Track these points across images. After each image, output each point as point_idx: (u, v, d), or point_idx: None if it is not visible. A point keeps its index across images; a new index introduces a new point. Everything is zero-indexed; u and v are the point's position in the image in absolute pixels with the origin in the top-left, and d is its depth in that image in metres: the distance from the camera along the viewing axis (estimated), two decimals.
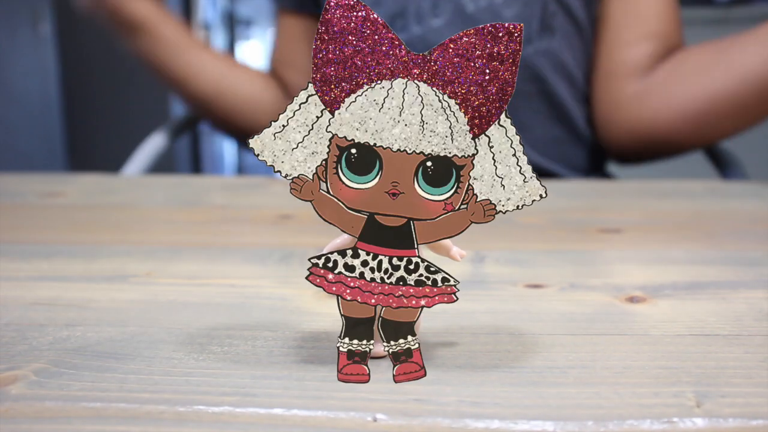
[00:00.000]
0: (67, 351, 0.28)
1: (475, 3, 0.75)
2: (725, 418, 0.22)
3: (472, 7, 0.75)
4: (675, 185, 0.67)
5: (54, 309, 0.33)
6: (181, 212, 0.58)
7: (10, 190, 0.66)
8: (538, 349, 0.28)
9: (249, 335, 0.30)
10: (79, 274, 0.40)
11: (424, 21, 0.76)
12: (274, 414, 0.23)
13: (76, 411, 0.23)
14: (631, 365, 0.26)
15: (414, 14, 0.76)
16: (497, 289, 0.37)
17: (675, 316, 0.32)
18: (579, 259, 0.43)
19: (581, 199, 0.63)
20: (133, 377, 0.26)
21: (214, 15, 3.46)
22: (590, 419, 0.22)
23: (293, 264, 0.41)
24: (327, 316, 0.32)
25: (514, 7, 0.75)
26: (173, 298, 0.35)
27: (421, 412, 0.23)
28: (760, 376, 0.25)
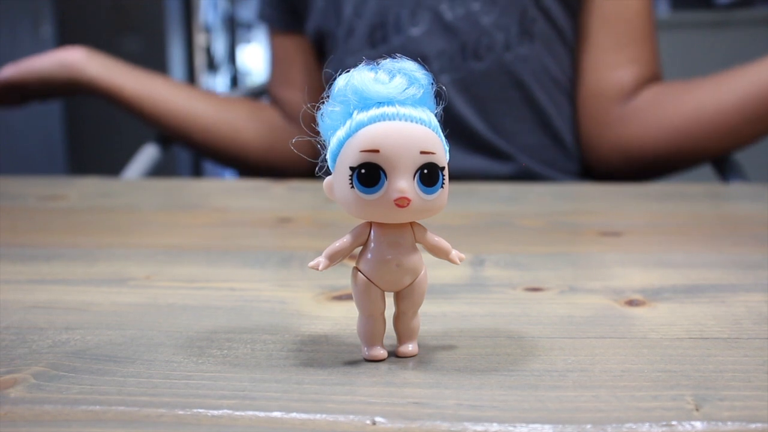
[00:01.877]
0: (67, 354, 0.28)
1: (453, 11, 0.75)
2: (724, 422, 0.22)
3: (450, 15, 0.75)
4: (675, 188, 0.68)
5: (53, 312, 0.33)
6: (180, 215, 0.58)
7: (10, 193, 0.66)
8: (537, 352, 0.28)
9: (248, 338, 0.30)
10: (79, 278, 0.40)
11: (403, 30, 0.76)
12: (272, 417, 0.23)
13: (75, 414, 0.23)
14: (630, 368, 0.26)
15: (393, 24, 0.76)
16: (496, 292, 0.37)
17: (674, 319, 0.32)
18: (578, 262, 0.43)
19: (580, 202, 0.63)
20: (132, 380, 0.26)
21: (215, 18, 3.47)
22: (589, 423, 0.22)
23: (293, 267, 0.42)
24: (326, 320, 0.32)
25: (492, 14, 0.75)
26: (173, 302, 0.35)
27: (419, 415, 0.23)
28: (759, 379, 0.25)
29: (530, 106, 0.77)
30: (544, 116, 0.78)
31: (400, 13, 0.76)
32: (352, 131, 0.25)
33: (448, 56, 0.75)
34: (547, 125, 0.78)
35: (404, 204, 0.25)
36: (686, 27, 1.76)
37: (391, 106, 0.25)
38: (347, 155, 0.25)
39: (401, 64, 0.26)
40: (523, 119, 0.77)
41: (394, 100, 0.25)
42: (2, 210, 0.59)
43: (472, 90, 0.76)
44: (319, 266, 0.26)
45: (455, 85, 0.76)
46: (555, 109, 0.78)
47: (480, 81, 0.76)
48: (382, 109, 0.25)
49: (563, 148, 0.79)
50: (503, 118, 0.77)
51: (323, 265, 0.26)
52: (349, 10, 0.78)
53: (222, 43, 3.50)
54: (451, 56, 0.75)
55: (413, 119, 0.25)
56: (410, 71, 0.26)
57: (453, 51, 0.75)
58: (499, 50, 0.75)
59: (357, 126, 0.25)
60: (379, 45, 0.76)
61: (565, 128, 0.79)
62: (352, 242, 0.27)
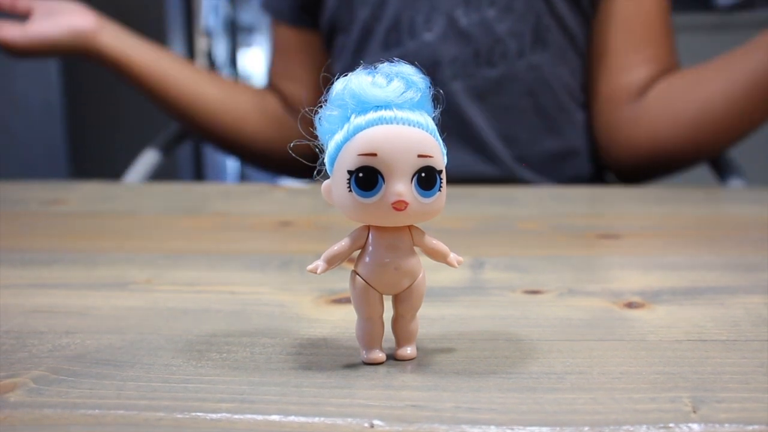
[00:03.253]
0: (67, 358, 0.28)
1: (468, 17, 0.75)
2: (721, 424, 0.22)
3: (465, 22, 0.75)
4: (674, 191, 0.68)
5: (54, 316, 0.33)
6: (181, 219, 0.58)
7: (12, 197, 0.66)
8: (535, 354, 0.28)
9: (248, 342, 0.30)
10: (79, 282, 0.40)
11: (417, 35, 0.76)
12: (271, 420, 0.23)
13: (74, 418, 0.23)
14: (628, 371, 0.27)
15: (407, 29, 0.76)
16: (496, 295, 0.37)
17: (673, 321, 0.32)
18: (578, 264, 0.43)
19: (580, 205, 0.63)
20: (131, 384, 0.26)
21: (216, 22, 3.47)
22: (586, 425, 0.22)
23: (292, 271, 0.42)
24: (325, 323, 0.32)
25: (507, 21, 0.75)
26: (173, 305, 0.35)
27: (417, 418, 0.23)
28: (756, 381, 0.25)
29: (542, 115, 0.77)
30: (554, 124, 0.78)
31: (415, 17, 0.76)
32: (350, 135, 0.25)
33: (461, 62, 0.75)
34: (558, 133, 0.78)
35: (402, 207, 0.25)
36: (687, 29, 1.75)
37: (389, 110, 0.25)
38: (345, 159, 0.25)
39: (399, 68, 0.26)
40: (535, 127, 0.77)
41: (391, 104, 0.25)
42: (4, 214, 0.59)
43: (484, 97, 0.76)
44: (317, 270, 0.26)
45: (467, 91, 0.76)
46: (566, 117, 0.78)
47: (492, 88, 0.76)
48: (379, 113, 0.25)
49: (574, 155, 0.79)
50: (515, 125, 0.77)
51: (321, 268, 0.26)
52: (364, 12, 0.78)
53: (223, 47, 3.51)
54: (464, 62, 0.75)
55: (411, 123, 0.25)
56: (408, 75, 0.26)
57: (466, 57, 0.75)
58: (512, 58, 0.75)
59: (355, 130, 0.25)
60: (392, 48, 0.76)
61: (576, 136, 0.79)
62: (350, 245, 0.27)
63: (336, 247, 0.27)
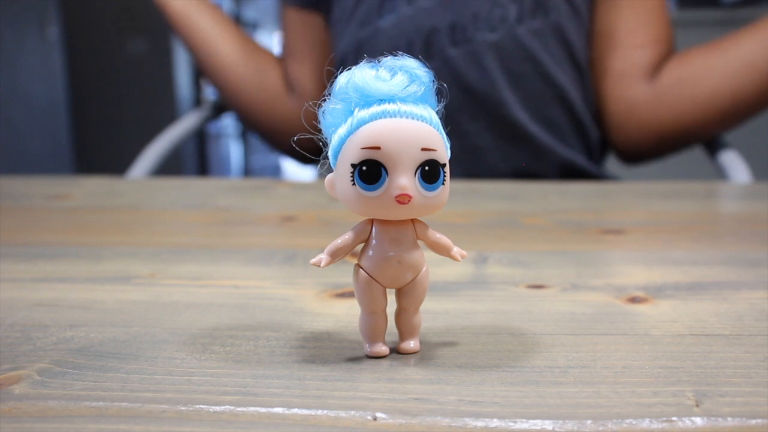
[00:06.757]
0: (71, 351, 0.28)
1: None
2: (724, 417, 0.22)
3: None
4: (677, 186, 0.67)
5: (58, 310, 0.34)
6: (185, 214, 0.58)
7: (16, 192, 0.67)
8: (538, 349, 0.28)
9: (251, 335, 0.30)
10: (84, 276, 0.40)
11: (414, 0, 0.76)
12: (274, 413, 0.23)
13: (78, 410, 0.23)
14: (631, 365, 0.27)
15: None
16: (499, 289, 0.37)
17: (676, 316, 0.32)
18: (581, 259, 0.43)
19: (583, 201, 0.63)
20: (135, 377, 0.26)
21: None
22: (589, 418, 0.22)
23: (296, 265, 0.42)
24: (329, 317, 0.32)
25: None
26: (176, 299, 0.35)
27: (420, 411, 0.23)
28: (759, 375, 0.25)
29: (543, 80, 0.77)
30: (558, 90, 0.78)
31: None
32: (354, 128, 0.25)
33: (460, 27, 0.75)
34: (562, 99, 0.78)
35: (405, 201, 0.25)
36: (692, 25, 1.75)
37: (393, 104, 0.25)
38: (348, 152, 0.25)
39: (402, 62, 0.26)
40: (536, 93, 0.77)
41: (395, 98, 0.25)
42: (9, 209, 0.60)
43: (483, 62, 0.76)
44: (320, 263, 0.26)
45: (466, 57, 0.75)
46: (570, 84, 0.78)
47: (491, 52, 0.76)
48: (383, 107, 0.25)
49: (578, 122, 0.79)
50: (516, 92, 0.77)
51: (325, 262, 0.26)
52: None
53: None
54: (463, 27, 0.75)
55: (414, 116, 0.25)
56: (411, 69, 0.26)
57: (465, 21, 0.75)
58: (511, 22, 0.75)
59: (358, 123, 0.25)
60: (387, 15, 0.76)
61: (580, 104, 0.79)
62: (353, 239, 0.27)
63: (339, 240, 0.27)
